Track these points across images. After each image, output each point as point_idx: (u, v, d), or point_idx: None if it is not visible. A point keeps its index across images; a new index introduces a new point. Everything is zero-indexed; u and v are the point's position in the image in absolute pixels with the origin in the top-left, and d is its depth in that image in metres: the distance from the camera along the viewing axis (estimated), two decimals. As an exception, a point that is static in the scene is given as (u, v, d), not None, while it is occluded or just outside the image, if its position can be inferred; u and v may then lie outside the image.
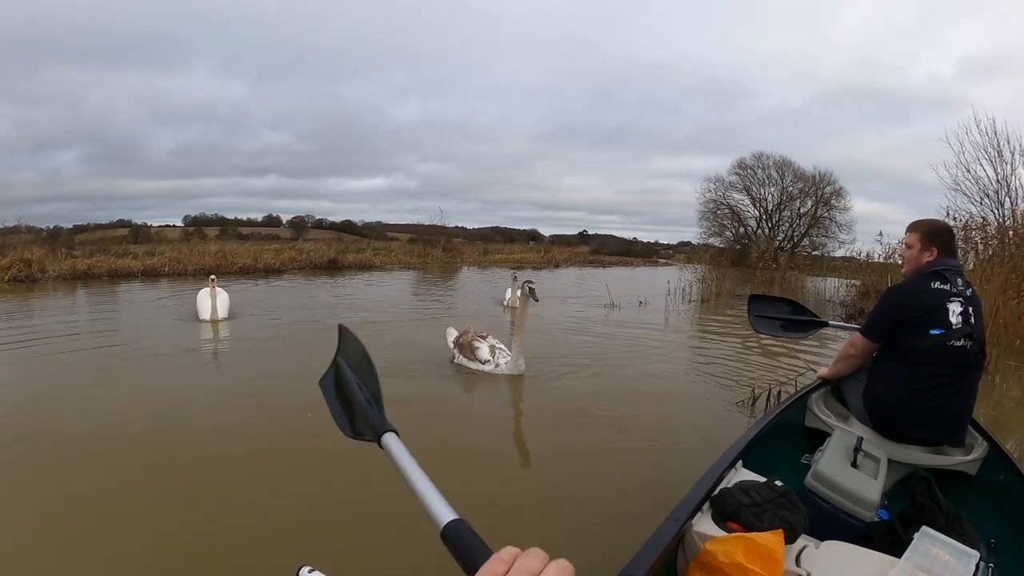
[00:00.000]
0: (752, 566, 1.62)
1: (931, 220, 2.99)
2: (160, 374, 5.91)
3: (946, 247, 2.91)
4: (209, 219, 32.51)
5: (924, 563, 1.69)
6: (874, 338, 2.95)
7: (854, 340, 3.08)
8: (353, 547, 2.89)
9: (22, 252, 14.58)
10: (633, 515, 2.89)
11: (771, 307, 4.11)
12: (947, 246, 2.92)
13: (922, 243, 2.90)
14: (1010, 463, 2.66)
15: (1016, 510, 2.46)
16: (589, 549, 2.74)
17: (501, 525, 2.90)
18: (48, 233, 20.48)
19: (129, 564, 2.60)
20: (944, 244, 2.90)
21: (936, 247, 2.88)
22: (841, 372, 3.21)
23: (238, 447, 4.03)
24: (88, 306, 11.16)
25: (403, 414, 3.89)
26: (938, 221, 3.02)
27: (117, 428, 4.21)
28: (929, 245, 2.88)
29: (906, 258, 3.00)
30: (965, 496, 2.58)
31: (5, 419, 4.37)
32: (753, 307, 4.06)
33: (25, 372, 5.92)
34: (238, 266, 17.51)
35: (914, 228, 2.97)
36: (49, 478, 3.40)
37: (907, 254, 2.98)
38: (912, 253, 2.94)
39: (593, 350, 7.51)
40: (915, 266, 2.93)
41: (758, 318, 4.03)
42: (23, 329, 8.25)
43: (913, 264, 2.94)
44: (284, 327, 8.78)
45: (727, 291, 13.90)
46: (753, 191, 28.89)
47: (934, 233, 2.91)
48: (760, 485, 1.98)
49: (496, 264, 23.98)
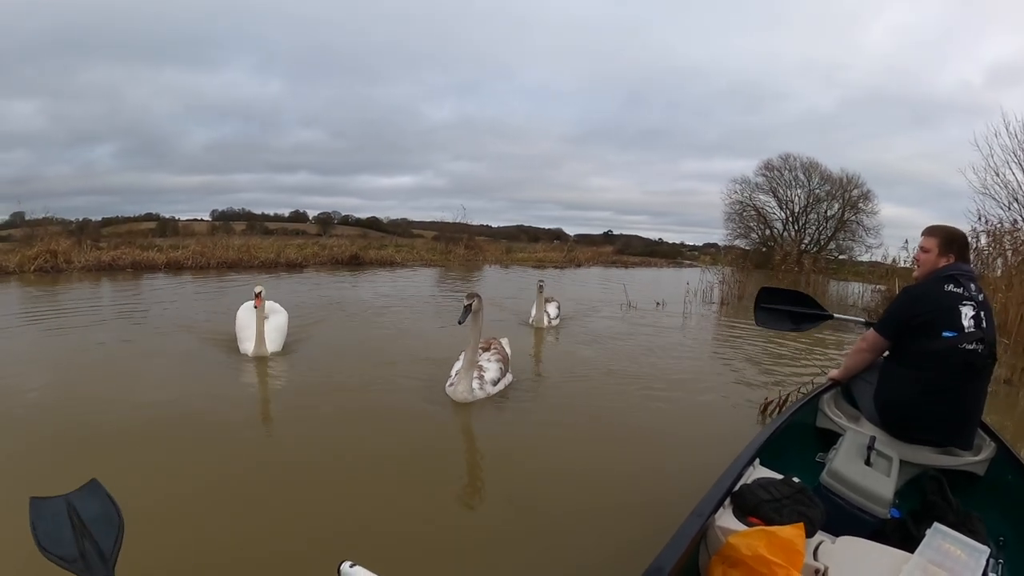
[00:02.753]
0: (774, 558, 1.69)
1: (949, 226, 3.05)
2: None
3: (962, 253, 2.98)
4: (236, 213, 32.82)
5: (936, 558, 1.75)
6: (888, 336, 3.01)
7: (867, 336, 3.14)
8: (395, 543, 2.90)
9: (48, 243, 14.89)
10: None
11: (779, 299, 4.11)
12: (963, 252, 2.99)
13: (940, 248, 2.96)
14: (1019, 464, 2.72)
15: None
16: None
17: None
18: (76, 225, 20.72)
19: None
20: (960, 250, 2.97)
21: (953, 253, 2.95)
22: (852, 369, 3.27)
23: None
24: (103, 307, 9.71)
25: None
26: (955, 228, 3.07)
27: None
28: (947, 251, 2.95)
29: (921, 261, 3.04)
30: (973, 496, 2.66)
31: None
32: (761, 299, 4.10)
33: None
34: (260, 260, 17.65)
35: (932, 233, 3.02)
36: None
37: (923, 258, 3.03)
38: (929, 257, 2.99)
39: (598, 358, 7.13)
40: (930, 269, 2.98)
41: (764, 310, 4.07)
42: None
43: (929, 267, 2.99)
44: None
45: (749, 294, 13.78)
46: (779, 193, 28.50)
47: (952, 239, 2.98)
48: (778, 482, 2.05)
49: (518, 263, 23.97)
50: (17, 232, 18.83)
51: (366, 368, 6.12)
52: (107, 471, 2.25)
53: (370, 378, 5.75)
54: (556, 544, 2.93)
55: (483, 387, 5.09)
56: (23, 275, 13.36)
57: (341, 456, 3.95)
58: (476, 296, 4.87)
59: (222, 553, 2.73)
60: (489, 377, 5.19)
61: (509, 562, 2.80)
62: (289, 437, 4.30)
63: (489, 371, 5.25)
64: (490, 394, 5.14)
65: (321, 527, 2.97)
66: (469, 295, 4.85)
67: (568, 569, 2.74)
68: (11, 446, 3.79)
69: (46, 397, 4.89)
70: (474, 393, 5.00)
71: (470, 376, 5.02)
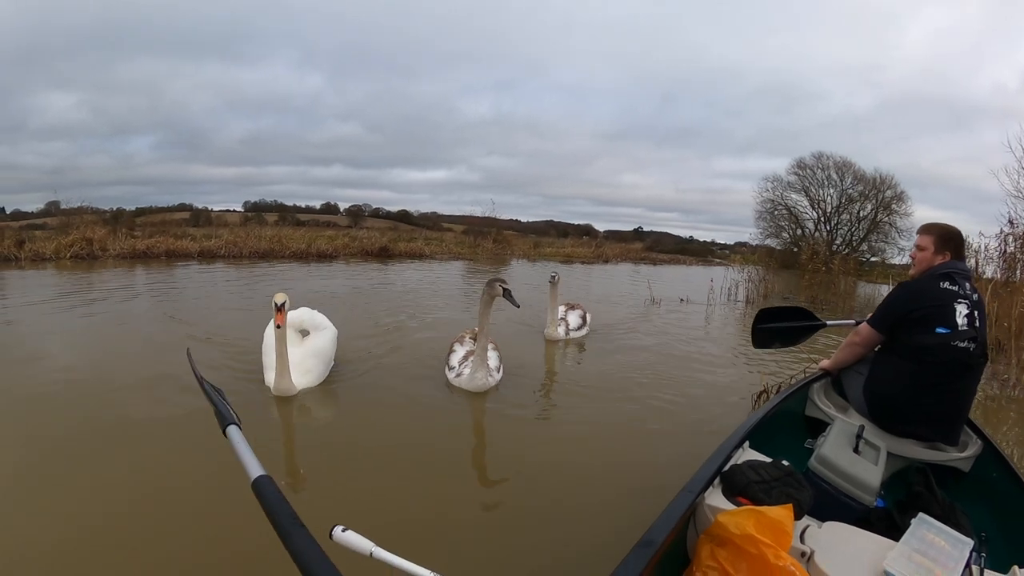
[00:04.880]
0: (763, 537, 1.71)
1: (945, 224, 3.07)
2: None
3: (957, 251, 3.00)
4: (268, 205, 33.26)
5: (921, 547, 1.78)
6: (882, 330, 3.04)
7: (860, 330, 3.17)
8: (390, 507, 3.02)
9: (84, 231, 15.32)
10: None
11: (775, 318, 4.10)
12: (958, 250, 3.01)
13: (936, 246, 2.99)
14: (1004, 461, 2.75)
15: (1008, 506, 2.57)
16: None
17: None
18: (111, 214, 21.16)
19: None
20: (956, 248, 3.00)
21: (949, 251, 2.97)
22: (843, 361, 3.30)
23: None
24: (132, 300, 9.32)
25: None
26: (951, 226, 3.08)
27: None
28: (943, 248, 2.97)
29: (917, 259, 3.07)
30: (958, 491, 2.69)
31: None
32: (758, 321, 4.08)
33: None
34: (291, 250, 17.85)
35: (928, 231, 3.04)
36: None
37: (919, 256, 3.05)
38: (925, 255, 3.02)
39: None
40: (926, 267, 3.01)
41: (761, 332, 4.07)
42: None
43: (924, 265, 3.02)
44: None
45: (776, 293, 13.77)
46: (812, 192, 27.95)
47: (948, 237, 3.00)
48: (768, 464, 2.10)
49: (546, 257, 23.93)
50: (52, 221, 19.44)
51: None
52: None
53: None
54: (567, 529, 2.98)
55: (491, 374, 5.12)
56: (59, 261, 13.75)
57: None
58: (501, 280, 4.82)
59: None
60: (492, 365, 5.24)
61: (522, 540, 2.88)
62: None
63: (491, 359, 5.27)
64: (497, 381, 5.24)
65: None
66: (498, 281, 4.79)
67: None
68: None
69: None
70: (487, 381, 5.02)
71: (484, 363, 4.99)
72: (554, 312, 7.32)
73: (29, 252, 13.97)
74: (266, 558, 1.99)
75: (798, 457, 2.50)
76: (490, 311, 5.00)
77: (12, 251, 13.80)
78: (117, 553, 2.60)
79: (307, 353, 4.83)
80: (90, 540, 2.68)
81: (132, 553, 2.61)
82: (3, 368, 5.20)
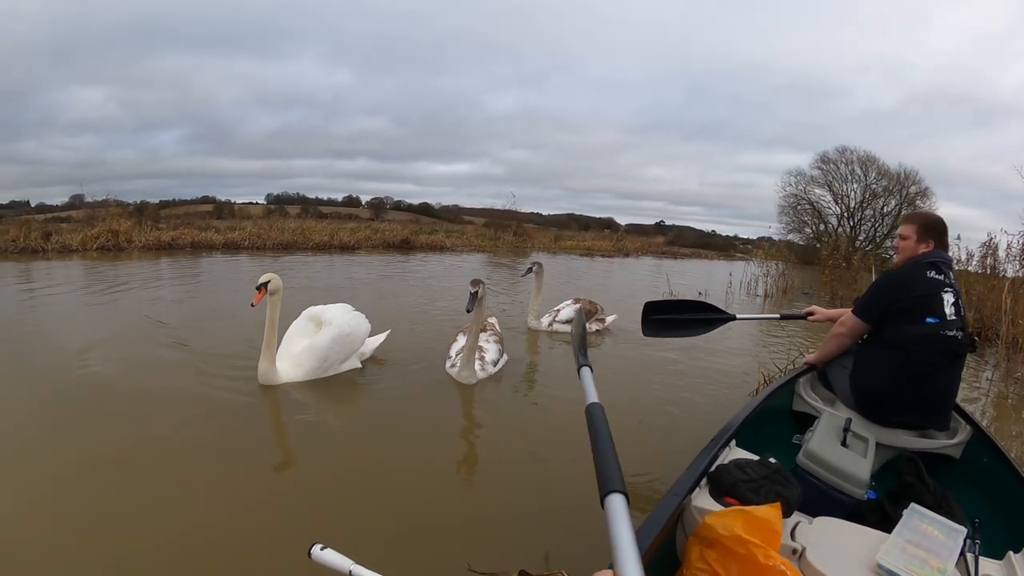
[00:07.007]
0: (751, 538, 1.68)
1: (927, 213, 3.10)
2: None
3: (940, 240, 2.98)
4: (291, 197, 33.50)
5: (914, 538, 1.77)
6: (869, 320, 3.01)
7: (845, 321, 3.13)
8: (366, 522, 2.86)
9: (110, 223, 15.57)
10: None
11: (665, 310, 4.18)
12: (941, 239, 2.99)
13: (918, 235, 2.97)
14: (994, 446, 2.73)
15: (1000, 490, 2.54)
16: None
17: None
18: (135, 207, 21.47)
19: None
20: (939, 237, 2.97)
21: (932, 239, 2.95)
22: (830, 353, 3.27)
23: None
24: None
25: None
26: (934, 214, 3.08)
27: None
28: (926, 237, 2.96)
29: (900, 248, 3.05)
30: (949, 478, 2.67)
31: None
32: (647, 312, 4.13)
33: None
34: (314, 242, 18.04)
35: (910, 220, 3.04)
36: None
37: (902, 245, 3.04)
38: (908, 244, 3.00)
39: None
40: (910, 255, 2.99)
41: (650, 323, 4.12)
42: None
43: (908, 254, 3.00)
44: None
45: (795, 288, 13.63)
46: (835, 187, 27.49)
47: (931, 226, 2.98)
48: (755, 462, 2.09)
49: (566, 250, 23.92)
50: (77, 214, 19.89)
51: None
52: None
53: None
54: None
55: (484, 368, 5.22)
56: (86, 252, 13.99)
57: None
58: (480, 282, 4.84)
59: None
60: (489, 358, 5.33)
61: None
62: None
63: (489, 352, 5.37)
64: (491, 374, 5.29)
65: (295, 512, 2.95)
66: (474, 281, 4.82)
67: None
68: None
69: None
70: (476, 375, 5.10)
71: (472, 360, 5.06)
72: (537, 301, 7.40)
73: (56, 244, 14.22)
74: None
75: (787, 453, 2.48)
76: (481, 309, 5.01)
77: (39, 243, 14.04)
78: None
79: (306, 347, 4.84)
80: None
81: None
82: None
